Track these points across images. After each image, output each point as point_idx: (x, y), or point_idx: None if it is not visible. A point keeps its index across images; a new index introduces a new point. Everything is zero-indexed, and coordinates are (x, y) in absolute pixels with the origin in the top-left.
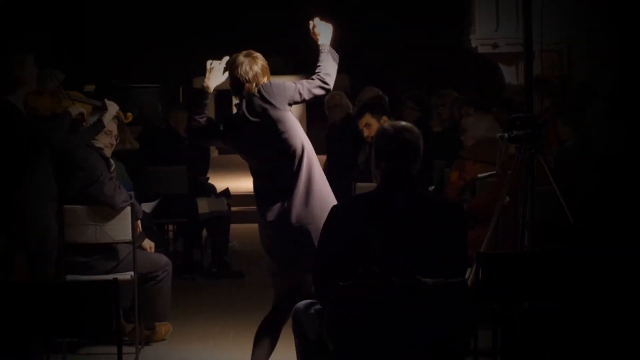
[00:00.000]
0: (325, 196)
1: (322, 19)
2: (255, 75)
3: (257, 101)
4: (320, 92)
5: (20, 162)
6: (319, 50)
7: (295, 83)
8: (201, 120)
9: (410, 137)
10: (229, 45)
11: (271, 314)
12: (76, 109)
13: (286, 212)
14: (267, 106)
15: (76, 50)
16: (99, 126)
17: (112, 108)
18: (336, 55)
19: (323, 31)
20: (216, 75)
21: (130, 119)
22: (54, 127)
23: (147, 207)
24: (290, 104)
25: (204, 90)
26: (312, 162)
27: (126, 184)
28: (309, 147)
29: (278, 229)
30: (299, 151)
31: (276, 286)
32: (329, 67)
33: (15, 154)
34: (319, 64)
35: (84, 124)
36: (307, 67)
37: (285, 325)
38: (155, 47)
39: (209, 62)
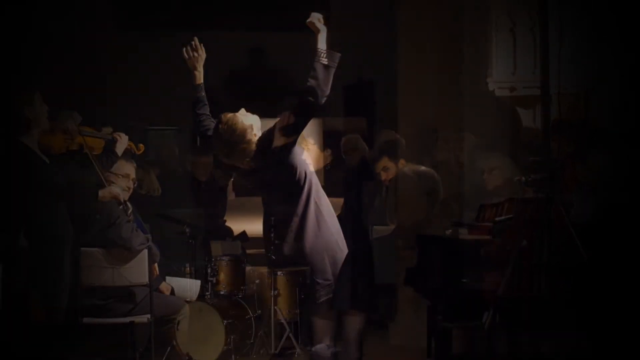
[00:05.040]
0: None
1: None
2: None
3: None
4: (309, 113)
5: (33, 204)
6: (315, 57)
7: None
8: (206, 122)
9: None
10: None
11: None
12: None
13: (300, 243)
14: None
15: (94, 92)
16: (112, 157)
17: (124, 138)
18: (335, 57)
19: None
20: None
21: (142, 150)
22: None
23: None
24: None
25: (198, 85)
26: (319, 192)
27: (139, 226)
28: (313, 176)
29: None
30: (302, 179)
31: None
32: (315, 85)
33: (28, 196)
34: (308, 80)
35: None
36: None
37: None
38: (172, 89)
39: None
